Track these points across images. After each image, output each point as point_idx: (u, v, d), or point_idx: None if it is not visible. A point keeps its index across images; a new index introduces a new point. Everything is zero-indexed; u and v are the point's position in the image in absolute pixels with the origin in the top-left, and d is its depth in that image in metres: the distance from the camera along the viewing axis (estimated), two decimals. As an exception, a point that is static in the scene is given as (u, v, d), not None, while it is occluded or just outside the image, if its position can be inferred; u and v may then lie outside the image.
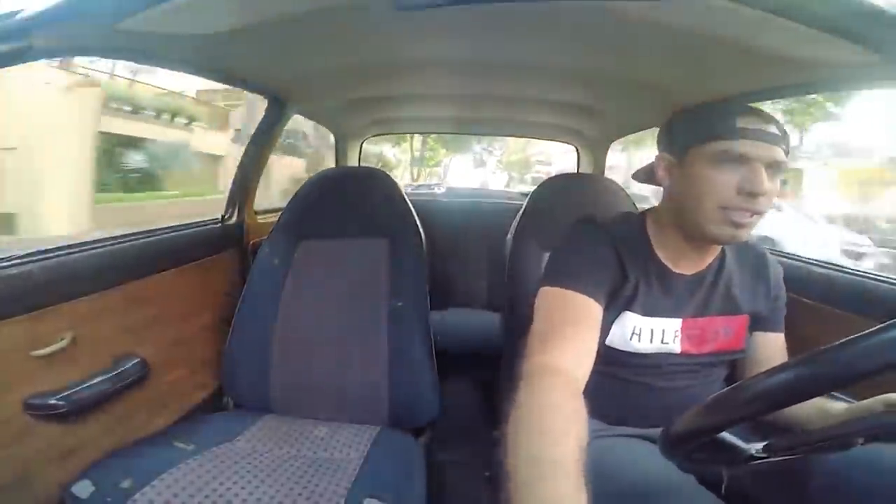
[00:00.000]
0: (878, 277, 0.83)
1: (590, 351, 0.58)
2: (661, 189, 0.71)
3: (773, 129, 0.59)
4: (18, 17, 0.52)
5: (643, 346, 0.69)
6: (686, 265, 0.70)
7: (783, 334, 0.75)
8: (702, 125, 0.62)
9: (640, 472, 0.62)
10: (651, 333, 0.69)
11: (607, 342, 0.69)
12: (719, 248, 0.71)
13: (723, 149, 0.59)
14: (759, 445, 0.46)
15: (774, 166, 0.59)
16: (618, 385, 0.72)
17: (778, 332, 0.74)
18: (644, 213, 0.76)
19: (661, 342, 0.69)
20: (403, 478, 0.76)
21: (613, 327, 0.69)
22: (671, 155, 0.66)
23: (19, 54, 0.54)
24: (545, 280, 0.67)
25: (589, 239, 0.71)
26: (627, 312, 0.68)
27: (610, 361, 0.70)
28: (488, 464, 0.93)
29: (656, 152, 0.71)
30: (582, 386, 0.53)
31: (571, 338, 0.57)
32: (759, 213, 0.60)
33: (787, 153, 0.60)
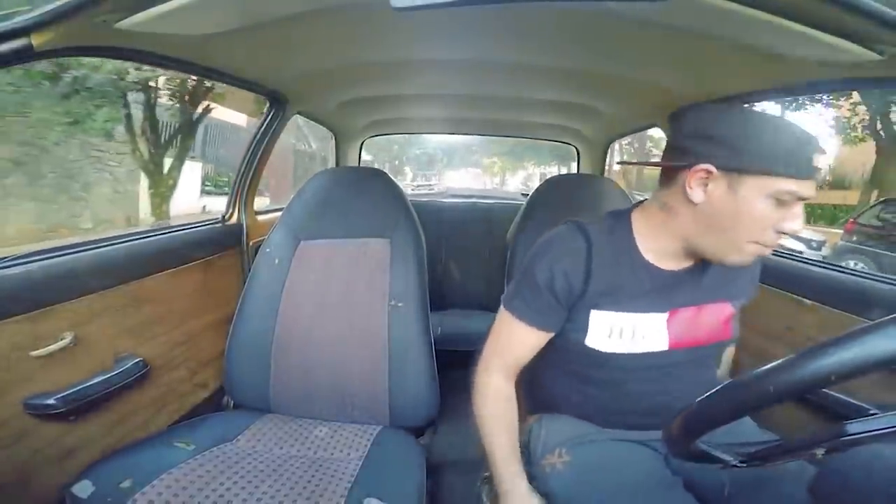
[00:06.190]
0: (878, 277, 0.83)
1: (522, 358, 0.73)
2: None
3: None
4: (19, 17, 0.52)
5: (625, 345, 0.65)
6: (674, 263, 0.67)
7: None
8: (781, 155, 0.53)
9: (628, 475, 0.63)
10: (633, 332, 0.65)
11: (587, 342, 0.66)
12: None
13: (791, 189, 0.53)
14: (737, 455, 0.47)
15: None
16: (607, 390, 0.70)
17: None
18: (633, 210, 0.70)
19: (643, 339, 0.65)
20: (403, 478, 0.76)
21: (591, 327, 0.66)
22: (721, 170, 0.56)
23: (20, 54, 0.55)
24: (505, 297, 0.73)
25: (557, 247, 0.68)
26: (604, 311, 0.66)
27: (594, 364, 0.68)
28: (488, 464, 0.92)
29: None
30: (512, 383, 0.75)
31: (508, 358, 0.73)
32: None
33: None
